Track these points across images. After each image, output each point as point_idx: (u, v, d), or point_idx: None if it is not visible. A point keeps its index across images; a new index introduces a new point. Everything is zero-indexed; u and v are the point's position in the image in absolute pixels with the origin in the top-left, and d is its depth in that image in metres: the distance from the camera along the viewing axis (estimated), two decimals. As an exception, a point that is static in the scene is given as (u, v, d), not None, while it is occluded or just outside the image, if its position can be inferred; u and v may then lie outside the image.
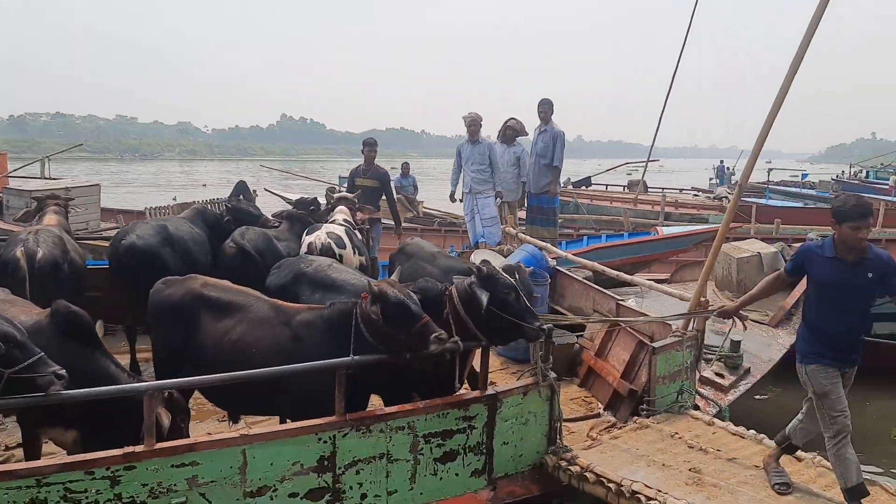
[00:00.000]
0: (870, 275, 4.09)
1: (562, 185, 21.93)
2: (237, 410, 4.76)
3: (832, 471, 4.70)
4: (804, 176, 38.77)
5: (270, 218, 7.45)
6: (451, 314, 4.50)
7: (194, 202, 11.52)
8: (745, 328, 5.14)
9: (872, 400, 8.34)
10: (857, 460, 4.19)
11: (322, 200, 8.17)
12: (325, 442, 4.03)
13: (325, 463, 4.05)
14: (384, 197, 10.05)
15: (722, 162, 35.08)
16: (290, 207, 7.86)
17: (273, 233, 6.94)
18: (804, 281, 6.99)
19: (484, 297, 4.34)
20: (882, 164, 42.02)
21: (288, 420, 4.48)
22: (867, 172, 39.80)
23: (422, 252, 6.50)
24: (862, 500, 4.13)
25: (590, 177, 25.32)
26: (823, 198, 26.27)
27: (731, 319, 5.07)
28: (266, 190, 12.99)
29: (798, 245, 4.59)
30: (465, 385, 4.86)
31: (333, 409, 4.06)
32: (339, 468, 4.08)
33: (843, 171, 37.31)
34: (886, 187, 28.35)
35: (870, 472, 5.49)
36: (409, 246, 6.72)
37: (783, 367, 6.42)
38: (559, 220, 14.25)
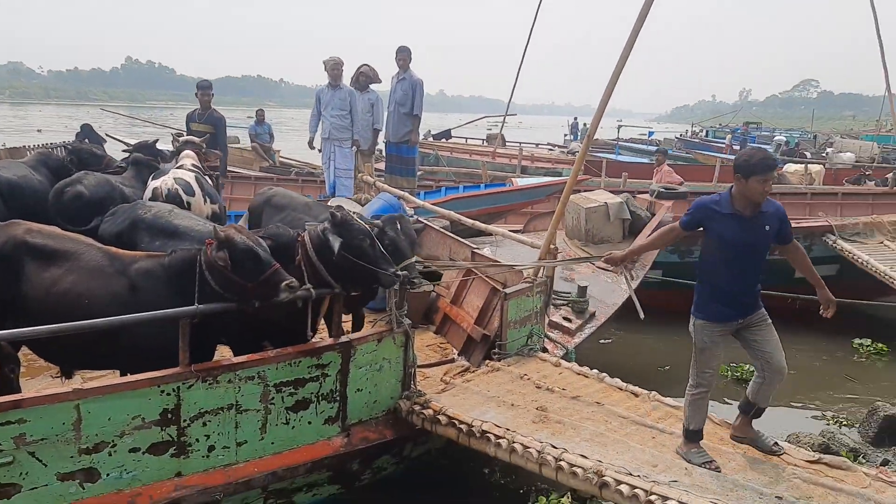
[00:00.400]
0: (767, 227, 4.08)
1: (422, 137, 22.07)
2: (70, 365, 4.45)
3: (667, 405, 5.07)
4: (651, 134, 40.93)
5: (115, 160, 6.96)
6: (304, 261, 4.39)
7: (24, 147, 10.59)
8: (633, 277, 5.14)
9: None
10: (707, 412, 4.43)
11: (165, 147, 7.71)
12: (168, 394, 3.86)
13: (169, 416, 3.88)
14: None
15: (576, 118, 36.31)
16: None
17: (118, 179, 6.48)
18: (647, 228, 7.37)
19: (336, 243, 4.27)
20: (720, 125, 45.04)
21: (128, 374, 4.25)
22: (707, 132, 42.57)
23: (294, 202, 6.13)
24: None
25: (449, 130, 25.51)
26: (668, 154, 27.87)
27: (620, 267, 5.03)
28: (108, 136, 12.17)
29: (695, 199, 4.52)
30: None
31: (178, 360, 3.89)
32: (185, 420, 3.93)
33: (686, 130, 39.67)
34: (723, 145, 30.45)
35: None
36: (277, 196, 6.26)
37: (625, 311, 6.78)
38: (419, 172, 14.31)
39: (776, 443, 4.33)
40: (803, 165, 18.81)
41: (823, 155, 24.18)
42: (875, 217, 10.63)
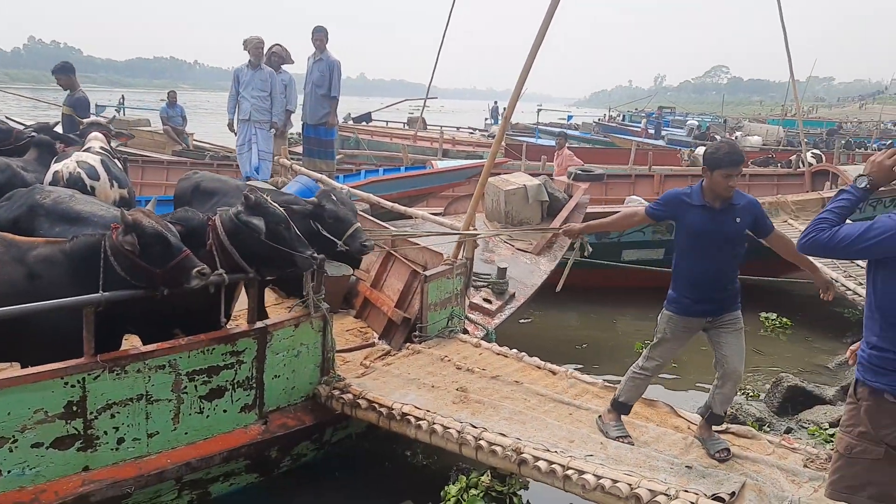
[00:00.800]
0: (738, 220, 4.03)
1: (342, 120, 21.80)
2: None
3: (583, 382, 5.18)
4: (570, 118, 41.66)
5: (24, 132, 6.59)
6: (216, 246, 4.28)
7: None
8: (590, 251, 5.05)
9: (618, 318, 9.26)
10: (642, 394, 4.51)
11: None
12: (72, 386, 3.70)
13: (74, 408, 3.72)
14: None
15: (496, 103, 36.52)
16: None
17: (19, 163, 6.13)
18: (565, 210, 7.49)
19: (261, 224, 4.21)
20: (636, 109, 46.17)
21: (30, 366, 4.05)
22: (623, 116, 43.61)
23: (225, 187, 5.84)
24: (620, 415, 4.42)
25: (370, 112, 25.28)
26: (585, 138, 28.54)
27: (577, 238, 5.03)
28: (8, 119, 11.54)
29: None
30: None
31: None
32: (91, 413, 3.78)
33: (605, 115, 40.52)
34: (639, 129, 31.26)
35: (614, 378, 6.11)
36: (205, 181, 5.94)
37: (545, 292, 6.89)
38: (339, 155, 14.11)
39: (724, 450, 4.16)
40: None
41: (734, 138, 25.05)
42: (780, 196, 11.13)
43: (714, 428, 4.43)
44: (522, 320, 8.31)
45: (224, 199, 5.51)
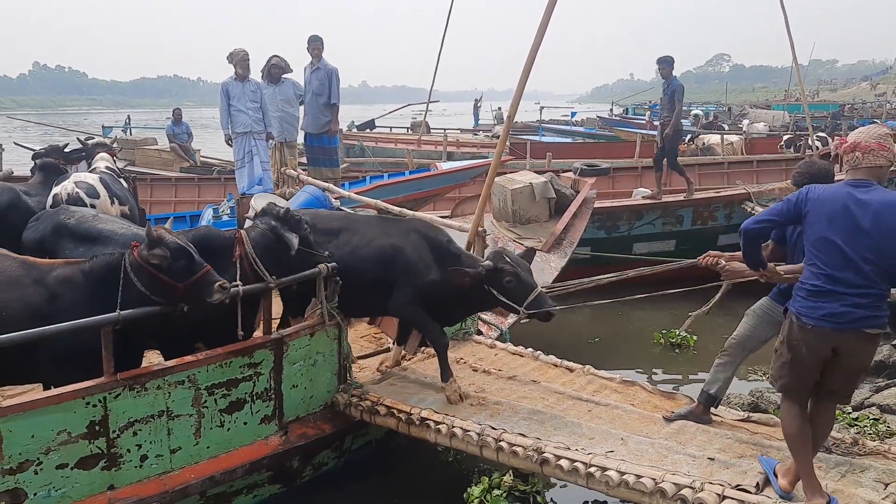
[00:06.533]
0: None
1: (346, 128, 21.86)
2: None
3: (601, 378, 5.17)
4: (573, 115, 41.55)
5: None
6: (244, 258, 4.35)
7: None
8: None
9: (631, 312, 9.22)
10: (727, 382, 4.50)
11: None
12: (94, 406, 3.73)
13: (97, 428, 3.75)
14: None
15: (476, 100, 36.26)
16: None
17: (23, 187, 6.19)
18: (573, 206, 7.47)
19: (295, 239, 4.35)
20: (649, 101, 45.79)
21: (52, 387, 4.08)
22: (627, 109, 43.47)
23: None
24: (711, 409, 4.47)
25: (373, 119, 25.32)
26: (590, 133, 28.48)
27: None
28: (17, 144, 11.65)
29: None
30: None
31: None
32: (114, 431, 3.81)
33: (610, 110, 40.45)
34: (643, 121, 31.16)
35: (632, 372, 6.12)
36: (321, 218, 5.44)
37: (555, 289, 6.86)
38: (344, 164, 14.15)
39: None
40: (723, 136, 19.37)
41: (740, 126, 24.95)
42: (789, 182, 11.01)
43: (735, 418, 4.42)
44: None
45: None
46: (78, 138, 7.61)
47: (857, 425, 5.42)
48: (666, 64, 9.94)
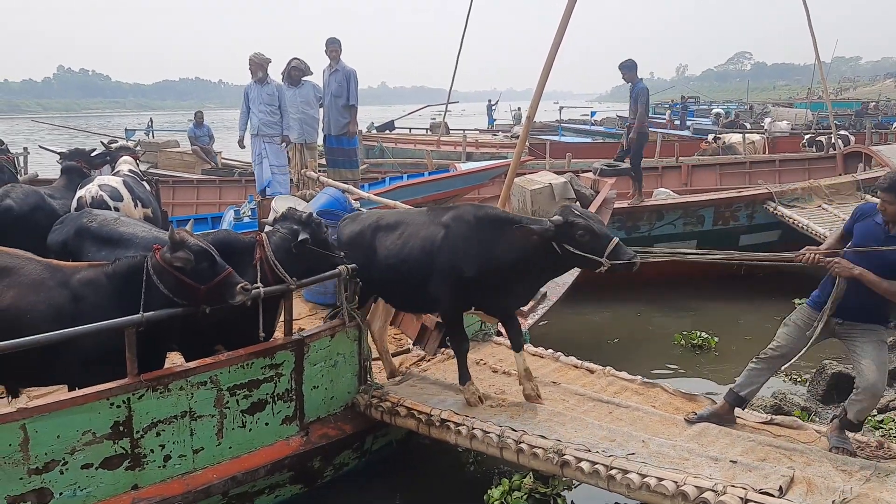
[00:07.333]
0: None
1: (365, 129, 21.92)
2: (16, 384, 4.32)
3: (622, 379, 5.15)
4: (593, 114, 41.37)
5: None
6: (264, 261, 4.39)
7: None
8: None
9: (650, 312, 9.19)
10: (759, 388, 4.48)
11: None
12: (118, 406, 3.77)
13: (121, 428, 3.79)
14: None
15: (490, 101, 36.25)
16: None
17: (47, 190, 6.29)
18: (593, 206, 7.43)
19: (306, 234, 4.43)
20: (670, 101, 45.43)
21: (77, 388, 4.14)
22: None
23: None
24: (738, 408, 4.45)
25: (393, 121, 25.40)
26: (610, 133, 28.29)
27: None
28: (41, 147, 11.80)
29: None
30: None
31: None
32: (137, 432, 3.85)
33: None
34: (664, 121, 30.96)
35: (653, 374, 6.07)
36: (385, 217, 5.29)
37: (574, 291, 6.85)
38: (364, 165, 14.18)
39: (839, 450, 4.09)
40: (744, 135, 19.20)
41: (762, 125, 24.72)
42: (812, 182, 10.93)
43: (758, 420, 4.38)
44: (555, 319, 8.27)
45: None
46: (102, 142, 7.70)
47: (882, 428, 5.35)
48: (627, 69, 9.97)
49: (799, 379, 6.97)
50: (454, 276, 4.64)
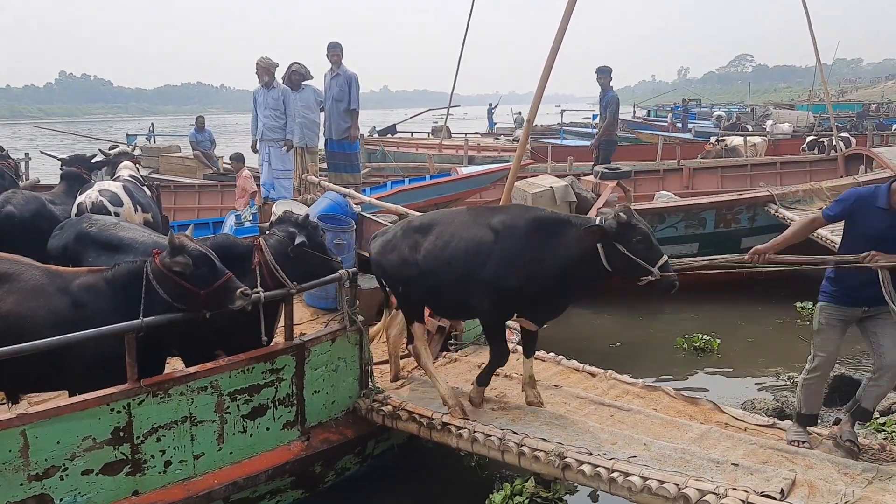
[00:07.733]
0: None
1: (367, 133, 21.94)
2: (16, 390, 4.31)
3: (624, 383, 5.13)
4: (595, 117, 41.31)
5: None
6: (264, 265, 4.40)
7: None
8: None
9: (653, 316, 9.17)
10: (821, 397, 4.40)
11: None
12: (118, 412, 3.77)
13: (121, 434, 3.79)
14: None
15: (490, 104, 36.29)
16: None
17: (48, 196, 6.30)
18: (594, 209, 7.41)
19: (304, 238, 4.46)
20: (672, 104, 45.49)
21: (77, 394, 4.13)
22: (649, 111, 43.23)
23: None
24: (808, 429, 4.28)
25: (394, 125, 25.41)
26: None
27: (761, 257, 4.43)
28: (42, 153, 11.84)
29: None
30: None
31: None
32: (138, 437, 3.84)
33: (633, 112, 40.23)
34: (666, 123, 30.97)
35: (654, 378, 6.07)
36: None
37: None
38: (365, 169, 14.18)
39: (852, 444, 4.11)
40: (746, 138, 19.19)
41: (763, 127, 24.70)
42: (813, 184, 10.92)
43: (760, 423, 4.36)
44: (557, 322, 8.26)
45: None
46: (100, 150, 7.72)
47: (884, 430, 5.33)
48: (604, 73, 9.98)
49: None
50: (503, 287, 4.47)
